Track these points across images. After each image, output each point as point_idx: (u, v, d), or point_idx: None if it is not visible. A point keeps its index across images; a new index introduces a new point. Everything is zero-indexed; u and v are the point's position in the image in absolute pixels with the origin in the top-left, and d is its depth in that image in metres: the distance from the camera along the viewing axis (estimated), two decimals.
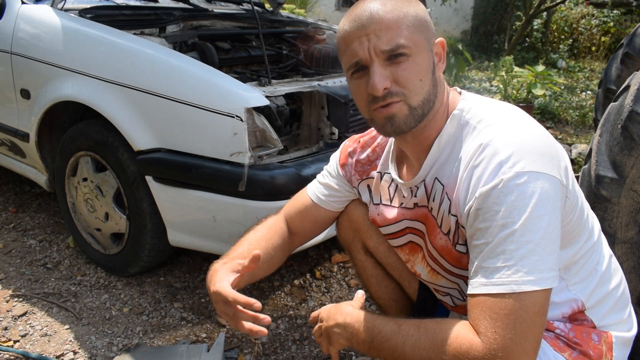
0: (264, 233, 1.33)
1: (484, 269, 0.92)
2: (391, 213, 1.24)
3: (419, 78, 1.00)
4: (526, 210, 0.89)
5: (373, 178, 1.29)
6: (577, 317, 1.08)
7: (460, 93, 1.11)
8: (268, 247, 1.30)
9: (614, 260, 1.17)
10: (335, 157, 1.38)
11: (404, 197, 1.20)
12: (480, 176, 0.94)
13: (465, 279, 1.03)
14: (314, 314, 1.21)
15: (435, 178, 1.09)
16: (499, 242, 0.91)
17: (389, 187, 1.25)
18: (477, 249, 0.95)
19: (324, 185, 1.38)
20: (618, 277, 1.14)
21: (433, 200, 1.10)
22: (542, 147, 0.94)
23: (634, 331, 1.14)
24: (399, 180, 1.19)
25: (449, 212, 1.05)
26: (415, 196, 1.16)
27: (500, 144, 0.94)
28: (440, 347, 0.93)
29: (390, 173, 1.22)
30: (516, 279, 0.88)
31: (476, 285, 0.93)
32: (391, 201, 1.24)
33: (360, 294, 1.19)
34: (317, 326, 1.19)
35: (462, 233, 1.04)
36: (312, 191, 1.39)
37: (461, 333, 0.92)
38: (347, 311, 1.12)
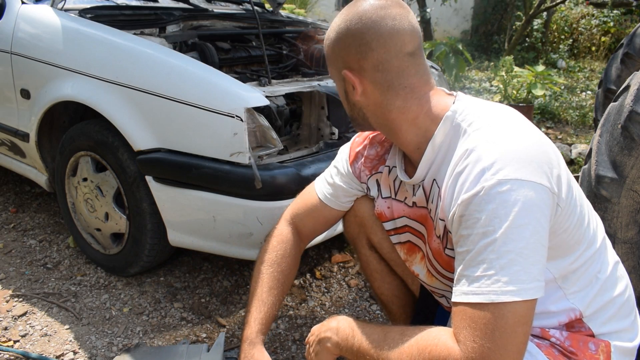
0: (277, 266, 1.38)
1: (466, 277, 0.91)
2: (395, 207, 1.25)
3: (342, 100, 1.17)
4: (508, 219, 0.87)
5: (382, 172, 1.29)
6: (574, 325, 1.06)
7: (455, 95, 1.09)
8: (285, 273, 1.38)
9: (620, 267, 1.13)
10: (344, 154, 1.37)
11: (406, 191, 1.20)
12: (463, 182, 0.93)
13: None
14: (307, 339, 1.25)
15: (434, 180, 1.08)
16: (480, 251, 0.89)
17: (394, 181, 1.25)
18: (460, 257, 0.94)
19: (332, 186, 1.38)
20: (623, 284, 1.11)
21: (432, 202, 1.10)
22: (529, 154, 0.91)
23: (638, 341, 1.11)
24: (404, 177, 1.19)
25: (439, 216, 1.05)
26: (415, 195, 1.16)
27: (485, 150, 0.92)
28: (420, 353, 0.93)
29: (396, 167, 1.23)
30: (495, 289, 0.87)
31: (458, 294, 0.92)
32: (396, 194, 1.25)
33: None
34: (308, 341, 1.22)
35: (450, 237, 1.03)
36: (321, 191, 1.39)
37: (441, 341, 0.92)
38: (340, 318, 1.15)
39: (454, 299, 0.93)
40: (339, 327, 1.11)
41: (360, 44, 1.04)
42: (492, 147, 0.92)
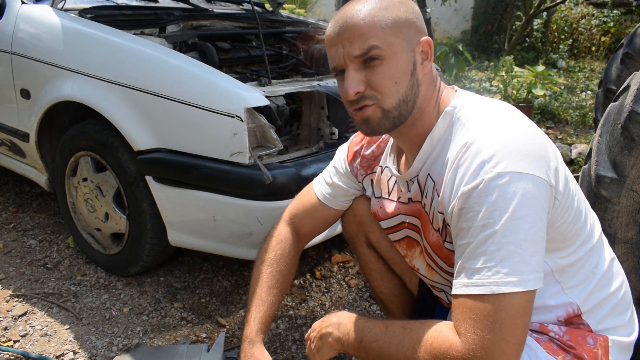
0: (276, 266, 1.38)
1: (466, 269, 0.92)
2: (389, 207, 1.26)
3: (393, 81, 1.01)
4: (507, 211, 0.88)
5: (375, 172, 1.30)
6: (573, 321, 1.07)
7: (456, 91, 1.12)
8: (284, 272, 1.38)
9: (616, 263, 1.15)
10: (342, 153, 1.39)
11: (401, 191, 1.21)
12: (463, 175, 0.94)
13: None
14: (307, 335, 1.25)
15: (428, 174, 1.09)
16: (480, 243, 0.90)
17: (388, 181, 1.26)
18: (460, 249, 0.95)
19: (331, 186, 1.39)
20: (619, 281, 1.12)
21: (426, 197, 1.11)
22: (528, 147, 0.93)
23: (635, 336, 1.12)
24: (396, 174, 1.20)
25: (438, 209, 1.06)
26: (410, 191, 1.17)
27: (484, 143, 0.93)
28: (422, 346, 0.94)
29: (389, 166, 1.23)
30: (496, 280, 0.88)
31: (458, 286, 0.93)
32: (390, 194, 1.26)
33: None
34: (310, 337, 1.21)
35: (449, 231, 1.04)
36: (320, 191, 1.41)
37: (442, 333, 0.93)
38: (340, 313, 1.15)
39: (454, 291, 0.94)
40: (340, 322, 1.12)
41: (418, 19, 1.05)
42: (491, 140, 0.93)
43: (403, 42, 1.01)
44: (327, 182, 1.40)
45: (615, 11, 8.99)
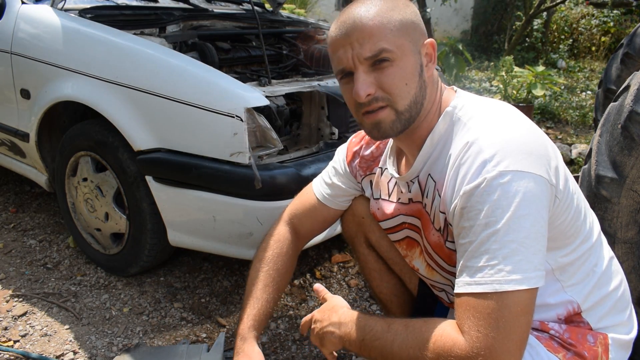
0: (272, 264, 1.38)
1: (468, 268, 0.92)
2: (389, 208, 1.27)
3: (404, 82, 1.01)
4: (509, 210, 0.89)
5: (374, 174, 1.31)
6: (573, 319, 1.08)
7: (455, 91, 1.12)
8: (281, 271, 1.38)
9: (615, 262, 1.16)
10: (341, 154, 1.39)
11: (401, 192, 1.21)
12: (465, 174, 0.95)
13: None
14: (305, 318, 1.24)
15: (429, 174, 1.10)
16: (483, 242, 0.91)
17: (388, 182, 1.27)
18: (462, 248, 0.95)
19: (330, 186, 1.40)
20: (618, 279, 1.13)
21: (426, 197, 1.12)
22: (529, 146, 0.93)
23: (634, 334, 1.13)
24: (396, 175, 1.20)
25: (439, 209, 1.06)
26: (410, 192, 1.17)
27: (486, 143, 0.94)
28: (425, 345, 0.94)
29: (389, 168, 1.24)
30: (499, 278, 0.88)
31: (461, 285, 0.93)
32: (389, 196, 1.26)
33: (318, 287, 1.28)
34: (312, 328, 1.21)
35: (450, 230, 1.04)
36: (319, 191, 1.41)
37: (446, 331, 0.93)
38: (342, 311, 1.14)
39: (457, 290, 0.94)
40: (341, 321, 1.12)
41: (421, 21, 1.06)
42: (492, 140, 0.94)
43: (410, 44, 1.01)
44: (327, 183, 1.40)
45: (615, 11, 8.99)
